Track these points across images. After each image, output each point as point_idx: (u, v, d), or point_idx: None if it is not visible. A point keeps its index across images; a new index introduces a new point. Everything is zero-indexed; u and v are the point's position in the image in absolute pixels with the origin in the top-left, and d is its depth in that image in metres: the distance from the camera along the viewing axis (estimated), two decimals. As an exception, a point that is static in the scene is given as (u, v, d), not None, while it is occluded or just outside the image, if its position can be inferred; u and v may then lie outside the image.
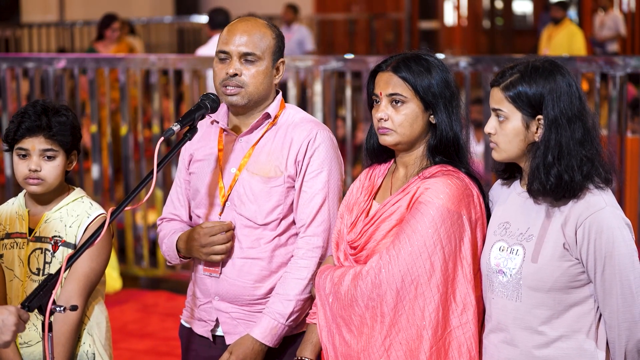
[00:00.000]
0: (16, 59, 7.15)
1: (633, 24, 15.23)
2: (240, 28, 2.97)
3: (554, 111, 2.57)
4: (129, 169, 6.88)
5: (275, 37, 3.00)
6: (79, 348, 3.08)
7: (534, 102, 2.58)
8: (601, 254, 2.54)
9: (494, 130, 2.64)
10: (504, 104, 2.61)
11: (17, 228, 3.10)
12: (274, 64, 3.00)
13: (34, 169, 3.02)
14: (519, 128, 2.61)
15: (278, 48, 3.01)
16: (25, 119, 3.03)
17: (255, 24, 2.99)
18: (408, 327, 2.64)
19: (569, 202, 2.58)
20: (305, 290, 2.94)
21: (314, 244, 2.95)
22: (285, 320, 2.93)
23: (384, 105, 2.75)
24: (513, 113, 2.61)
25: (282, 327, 2.93)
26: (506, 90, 2.61)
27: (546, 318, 2.59)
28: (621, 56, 6.20)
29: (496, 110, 2.63)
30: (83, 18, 15.56)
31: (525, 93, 2.59)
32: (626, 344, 2.58)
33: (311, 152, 2.96)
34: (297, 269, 2.94)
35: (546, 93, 2.58)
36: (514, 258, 2.62)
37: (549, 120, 2.58)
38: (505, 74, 2.63)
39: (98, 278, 3.07)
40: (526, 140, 2.61)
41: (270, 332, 2.93)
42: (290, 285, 2.94)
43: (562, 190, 2.56)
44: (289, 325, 2.94)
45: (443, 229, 2.64)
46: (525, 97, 2.59)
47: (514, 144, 2.62)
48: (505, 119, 2.62)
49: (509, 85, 2.61)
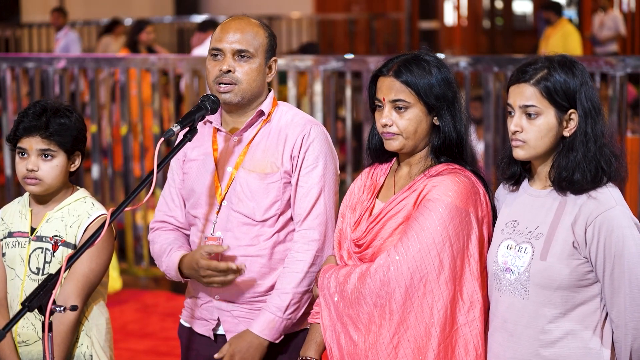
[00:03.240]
0: (16, 59, 7.15)
1: (633, 24, 15.21)
2: (233, 26, 2.99)
3: (587, 103, 2.59)
4: (128, 169, 6.88)
5: (268, 36, 3.02)
6: (76, 349, 3.08)
7: (569, 95, 2.59)
8: (611, 253, 2.54)
9: (520, 128, 2.62)
10: (536, 99, 2.60)
11: (20, 227, 3.11)
12: (266, 62, 3.02)
13: (31, 169, 3.03)
14: (552, 123, 2.60)
15: (271, 47, 3.03)
16: (24, 119, 3.04)
17: (248, 22, 3.01)
18: (416, 325, 2.65)
19: (580, 199, 2.58)
20: (302, 283, 2.94)
21: (310, 237, 2.96)
22: (282, 313, 2.93)
23: (387, 111, 2.75)
24: (546, 108, 2.59)
25: (280, 320, 2.94)
26: (538, 84, 2.59)
27: (553, 316, 2.60)
28: (621, 56, 6.20)
29: (527, 106, 2.60)
30: (83, 18, 15.55)
31: (561, 86, 2.58)
32: (632, 343, 2.59)
33: (306, 147, 2.98)
34: (293, 263, 2.95)
35: (578, 85, 2.59)
36: (522, 256, 2.63)
37: (584, 112, 2.59)
38: (528, 70, 2.62)
39: (98, 279, 3.07)
40: (556, 135, 2.61)
41: (268, 326, 2.93)
42: (287, 279, 2.95)
43: (598, 180, 2.58)
44: (287, 319, 2.95)
45: (452, 227, 2.65)
46: (561, 90, 2.58)
47: (545, 141, 2.61)
48: (537, 115, 2.60)
49: (540, 80, 2.59)
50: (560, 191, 2.61)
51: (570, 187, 2.59)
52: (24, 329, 3.06)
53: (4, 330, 2.43)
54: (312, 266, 2.95)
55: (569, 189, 2.60)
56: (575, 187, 2.59)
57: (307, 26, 16.58)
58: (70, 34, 12.07)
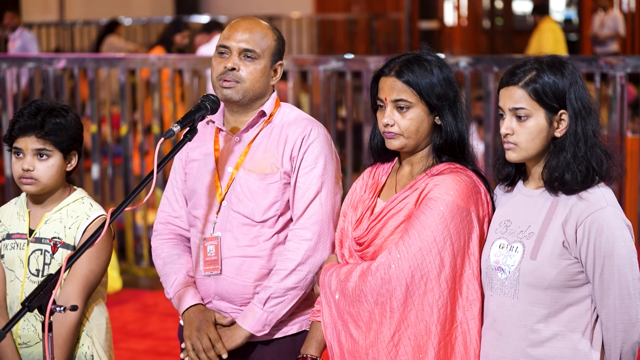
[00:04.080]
0: (16, 59, 7.15)
1: (633, 24, 15.21)
2: (242, 25, 3.00)
3: (577, 103, 2.59)
4: (128, 169, 6.88)
5: (276, 40, 3.03)
6: (78, 350, 3.08)
7: (558, 96, 2.59)
8: (600, 254, 2.54)
9: (511, 131, 2.62)
10: (525, 102, 2.60)
11: (18, 229, 3.10)
12: (272, 65, 3.02)
13: (27, 169, 3.02)
14: (543, 125, 2.60)
15: (278, 50, 3.03)
16: (19, 119, 3.04)
17: (258, 23, 3.02)
18: (417, 323, 2.66)
19: (572, 199, 2.58)
20: (287, 279, 2.93)
21: (301, 236, 2.95)
22: (262, 305, 2.93)
23: (389, 111, 2.76)
24: (536, 110, 2.60)
25: (260, 312, 2.94)
26: (527, 87, 2.59)
27: (542, 316, 2.60)
28: (621, 56, 6.20)
29: (516, 109, 2.60)
30: (83, 18, 15.55)
31: (549, 87, 2.58)
32: (622, 345, 2.58)
33: (305, 148, 2.98)
34: (282, 261, 2.96)
35: (567, 86, 2.59)
36: (513, 255, 2.63)
37: (574, 112, 2.59)
38: (517, 73, 2.62)
39: (98, 279, 3.07)
40: (548, 137, 2.61)
41: (248, 316, 2.95)
42: (273, 275, 2.95)
43: (590, 180, 2.57)
44: (269, 312, 2.94)
45: (453, 225, 2.66)
46: (550, 92, 2.58)
47: (536, 142, 2.61)
48: (527, 117, 2.60)
49: (529, 82, 2.59)
50: (552, 191, 2.61)
51: (562, 187, 2.59)
52: (24, 331, 3.06)
53: (4, 330, 2.43)
54: (300, 265, 2.94)
55: (560, 189, 2.60)
56: (567, 187, 2.59)
57: (307, 26, 16.57)
58: (25, 33, 12.00)
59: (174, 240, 3.15)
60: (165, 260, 3.12)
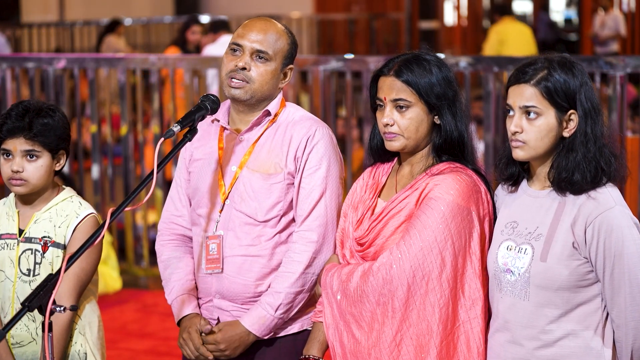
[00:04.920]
0: (16, 59, 7.15)
1: (633, 24, 15.22)
2: (258, 25, 3.00)
3: (587, 103, 2.59)
4: (128, 169, 6.89)
5: (289, 43, 3.03)
6: (71, 348, 3.08)
7: (568, 95, 2.58)
8: (610, 253, 2.54)
9: (520, 129, 2.61)
10: (537, 100, 2.59)
11: (7, 229, 3.10)
12: (282, 68, 3.02)
13: (16, 170, 3.02)
14: (552, 124, 2.60)
15: (290, 54, 3.03)
16: (7, 121, 3.04)
17: (273, 25, 3.02)
18: (419, 322, 2.66)
19: (580, 200, 2.58)
20: (295, 284, 2.94)
21: (308, 238, 2.95)
22: (274, 311, 2.94)
23: (388, 111, 2.76)
24: (547, 109, 2.59)
25: (271, 318, 2.94)
26: (539, 85, 2.59)
27: (554, 317, 2.60)
28: (621, 56, 6.21)
29: (527, 107, 2.60)
30: (83, 18, 15.55)
31: (561, 87, 2.58)
32: (633, 343, 2.59)
33: (310, 149, 2.98)
34: (289, 263, 2.96)
35: (578, 86, 2.59)
36: (522, 257, 2.62)
37: (584, 112, 2.59)
38: (527, 71, 2.61)
39: (89, 278, 3.07)
40: (556, 136, 2.61)
41: (258, 322, 2.94)
42: (281, 279, 2.95)
43: (598, 180, 2.57)
44: (279, 318, 2.95)
45: (454, 225, 2.66)
46: (562, 91, 2.58)
47: (545, 141, 2.60)
48: (537, 116, 2.59)
49: (540, 80, 2.59)
50: (560, 191, 2.61)
51: (570, 187, 2.59)
52: (17, 330, 3.06)
53: (4, 330, 2.44)
54: (307, 267, 2.95)
55: (569, 190, 2.60)
56: (575, 187, 2.59)
57: (307, 26, 16.57)
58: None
59: (175, 242, 3.15)
60: (166, 263, 3.13)
